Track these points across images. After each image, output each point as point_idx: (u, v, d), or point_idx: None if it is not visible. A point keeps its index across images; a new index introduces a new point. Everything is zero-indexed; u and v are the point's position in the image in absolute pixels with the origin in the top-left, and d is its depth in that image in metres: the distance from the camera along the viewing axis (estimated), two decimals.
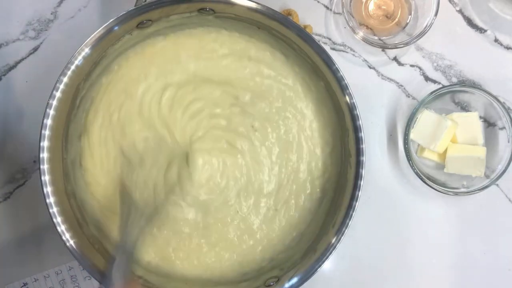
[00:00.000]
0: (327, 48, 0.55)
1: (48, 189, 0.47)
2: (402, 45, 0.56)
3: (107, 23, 0.47)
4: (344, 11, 0.56)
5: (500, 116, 0.56)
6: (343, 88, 0.49)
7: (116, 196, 0.52)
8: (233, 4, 0.48)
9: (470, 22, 0.59)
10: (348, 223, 0.48)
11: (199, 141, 0.52)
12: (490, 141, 0.58)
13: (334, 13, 0.59)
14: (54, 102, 0.47)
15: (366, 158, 0.49)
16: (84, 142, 0.52)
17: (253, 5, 0.48)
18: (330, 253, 0.48)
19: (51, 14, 0.59)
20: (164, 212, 0.51)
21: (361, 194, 0.49)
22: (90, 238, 0.50)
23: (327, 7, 0.59)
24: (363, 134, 0.49)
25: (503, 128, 0.57)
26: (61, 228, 0.47)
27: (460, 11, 0.59)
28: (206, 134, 0.52)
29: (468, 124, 0.56)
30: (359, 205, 0.49)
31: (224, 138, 0.53)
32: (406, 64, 0.59)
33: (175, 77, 0.52)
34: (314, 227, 0.53)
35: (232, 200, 0.53)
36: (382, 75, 0.59)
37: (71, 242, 0.47)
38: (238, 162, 0.53)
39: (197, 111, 0.52)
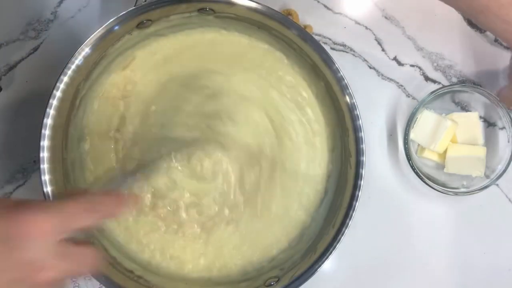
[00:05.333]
0: (327, 48, 0.55)
1: (48, 189, 0.47)
2: None
3: (107, 23, 0.47)
4: None
5: (500, 116, 0.56)
6: (343, 88, 0.49)
7: None
8: (233, 4, 0.48)
9: (470, 22, 0.59)
10: (348, 223, 0.48)
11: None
12: (490, 141, 0.58)
13: (334, 13, 0.59)
14: (55, 102, 0.47)
15: (366, 158, 0.49)
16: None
17: (253, 5, 0.48)
18: (330, 253, 0.48)
19: (51, 14, 0.59)
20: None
21: (361, 194, 0.49)
22: (90, 238, 0.50)
23: (327, 7, 0.59)
24: (363, 134, 0.49)
25: (503, 128, 0.57)
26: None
27: None
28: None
29: (468, 124, 0.56)
30: (359, 205, 0.49)
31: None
32: (406, 64, 0.59)
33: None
34: (314, 227, 0.53)
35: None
36: (382, 75, 0.59)
37: None
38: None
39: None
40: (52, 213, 0.34)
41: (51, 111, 0.47)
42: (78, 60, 0.47)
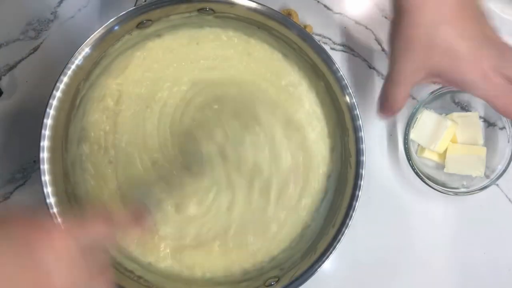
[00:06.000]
0: (327, 48, 0.55)
1: (48, 190, 0.47)
2: None
3: (107, 23, 0.47)
4: None
5: (500, 116, 0.56)
6: (343, 88, 0.49)
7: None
8: (233, 4, 0.48)
9: None
10: (348, 223, 0.48)
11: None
12: (490, 141, 0.58)
13: (334, 13, 0.59)
14: (54, 102, 0.47)
15: (366, 158, 0.49)
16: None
17: (253, 5, 0.48)
18: (330, 253, 0.48)
19: (51, 14, 0.59)
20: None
21: (361, 194, 0.49)
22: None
23: (327, 7, 0.59)
24: (363, 134, 0.49)
25: (503, 128, 0.57)
26: (61, 228, 0.47)
27: None
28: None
29: (468, 124, 0.56)
30: (359, 205, 0.49)
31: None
32: None
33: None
34: (314, 227, 0.53)
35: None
36: (382, 75, 0.59)
37: None
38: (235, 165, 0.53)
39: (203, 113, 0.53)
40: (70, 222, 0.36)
41: (51, 111, 0.47)
42: (78, 60, 0.47)
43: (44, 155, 0.47)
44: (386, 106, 0.46)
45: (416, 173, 0.55)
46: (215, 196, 0.52)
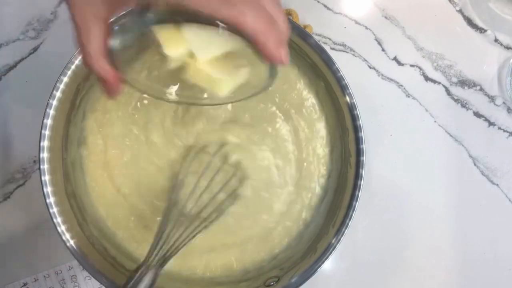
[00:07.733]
0: (327, 48, 0.55)
1: (48, 189, 0.47)
2: None
3: None
4: None
5: None
6: (343, 88, 0.49)
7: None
8: None
9: (470, 22, 0.59)
10: (348, 223, 0.48)
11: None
12: None
13: (334, 13, 0.59)
14: (54, 102, 0.47)
15: (366, 158, 0.49)
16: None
17: None
18: (330, 253, 0.48)
19: (51, 14, 0.59)
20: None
21: (361, 194, 0.49)
22: (90, 238, 0.50)
23: (327, 7, 0.59)
24: (363, 134, 0.49)
25: None
26: (61, 228, 0.47)
27: (460, 11, 0.59)
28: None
29: None
30: (359, 205, 0.49)
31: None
32: (406, 64, 0.59)
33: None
34: (314, 227, 0.53)
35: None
36: (382, 75, 0.59)
37: (71, 242, 0.47)
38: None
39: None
40: None
41: (51, 111, 0.47)
42: (78, 60, 0.47)
43: (44, 155, 0.47)
44: (104, 87, 0.34)
45: None
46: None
